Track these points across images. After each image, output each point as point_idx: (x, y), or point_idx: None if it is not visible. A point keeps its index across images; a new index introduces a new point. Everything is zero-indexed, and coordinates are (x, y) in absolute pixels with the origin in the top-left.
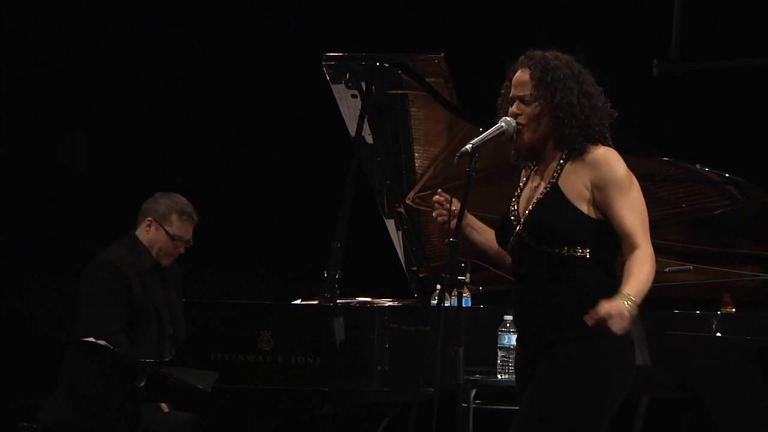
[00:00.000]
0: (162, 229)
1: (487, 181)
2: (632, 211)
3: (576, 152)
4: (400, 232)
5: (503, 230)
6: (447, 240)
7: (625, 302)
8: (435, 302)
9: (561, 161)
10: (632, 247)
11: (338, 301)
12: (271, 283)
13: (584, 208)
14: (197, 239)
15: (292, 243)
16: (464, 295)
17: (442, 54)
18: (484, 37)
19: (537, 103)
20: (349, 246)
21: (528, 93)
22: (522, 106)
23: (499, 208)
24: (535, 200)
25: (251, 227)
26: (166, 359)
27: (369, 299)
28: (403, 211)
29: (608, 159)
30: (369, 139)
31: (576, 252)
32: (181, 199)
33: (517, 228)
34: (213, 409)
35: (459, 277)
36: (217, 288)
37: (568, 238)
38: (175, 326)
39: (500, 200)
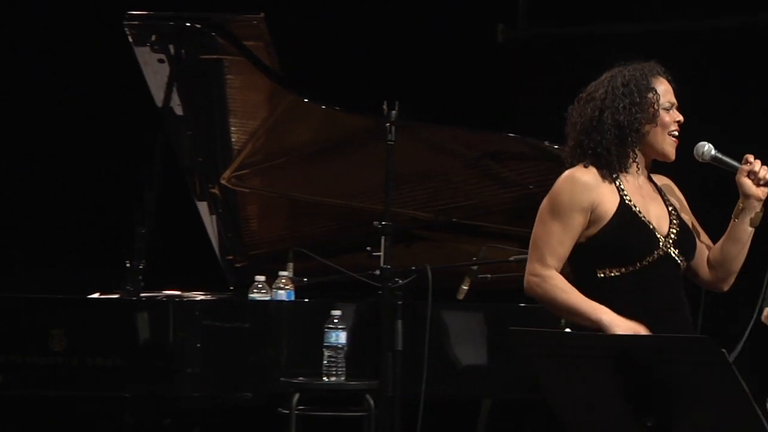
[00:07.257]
0: None
1: (312, 160)
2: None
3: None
4: (214, 216)
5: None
6: None
7: None
8: (253, 296)
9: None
10: None
11: (143, 294)
12: (66, 275)
13: None
14: None
15: (91, 229)
16: (286, 287)
17: (263, 15)
18: None
19: None
20: (155, 232)
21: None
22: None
23: (332, 190)
24: (677, 219)
25: (44, 212)
26: None
27: (178, 292)
28: (217, 192)
29: None
30: (178, 110)
31: None
32: None
33: (662, 243)
34: None
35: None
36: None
37: None
38: None
39: (333, 181)
